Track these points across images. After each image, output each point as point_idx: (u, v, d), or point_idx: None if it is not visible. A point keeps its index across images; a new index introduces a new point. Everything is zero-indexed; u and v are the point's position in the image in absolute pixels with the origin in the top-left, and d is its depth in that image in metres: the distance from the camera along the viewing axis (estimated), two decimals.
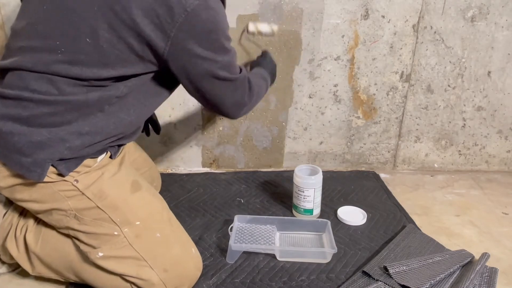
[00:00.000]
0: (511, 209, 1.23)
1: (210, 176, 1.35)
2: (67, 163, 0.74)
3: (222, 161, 1.42)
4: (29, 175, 0.72)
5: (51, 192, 0.75)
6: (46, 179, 0.73)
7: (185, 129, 1.35)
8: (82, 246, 0.78)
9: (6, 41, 0.76)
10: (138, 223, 0.79)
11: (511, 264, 0.97)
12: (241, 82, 0.85)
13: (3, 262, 0.89)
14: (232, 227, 1.00)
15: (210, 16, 0.72)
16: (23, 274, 0.89)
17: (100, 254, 0.76)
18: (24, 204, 0.78)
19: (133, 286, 0.78)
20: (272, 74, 1.12)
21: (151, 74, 0.77)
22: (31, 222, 0.85)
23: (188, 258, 0.83)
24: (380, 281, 0.86)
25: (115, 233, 0.77)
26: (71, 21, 0.70)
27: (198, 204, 1.19)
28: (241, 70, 0.86)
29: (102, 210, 0.76)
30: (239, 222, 1.04)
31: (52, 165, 0.73)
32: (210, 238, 1.02)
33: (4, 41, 1.21)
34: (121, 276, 0.77)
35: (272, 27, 1.15)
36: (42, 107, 0.71)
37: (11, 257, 0.85)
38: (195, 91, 0.81)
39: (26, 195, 0.76)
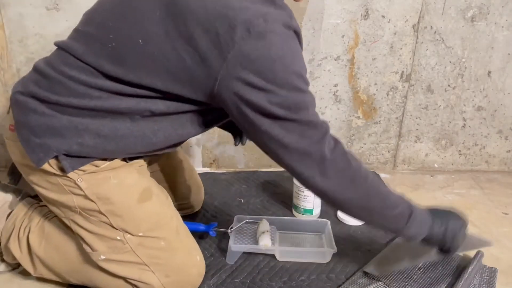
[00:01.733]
0: (511, 209, 1.23)
1: (210, 176, 1.35)
2: (72, 160, 0.70)
3: (222, 161, 1.42)
4: (31, 156, 0.70)
5: (56, 183, 0.73)
6: (50, 169, 0.71)
7: None
8: (84, 246, 0.77)
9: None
10: (140, 234, 0.76)
11: (511, 264, 0.97)
12: (314, 127, 0.67)
13: (2, 260, 0.89)
14: (232, 227, 1.01)
15: (279, 43, 0.60)
16: (24, 274, 0.89)
17: (103, 257, 0.76)
18: (35, 187, 0.77)
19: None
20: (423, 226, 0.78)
21: (195, 107, 0.69)
22: (34, 223, 0.85)
23: (191, 265, 0.82)
24: (380, 281, 0.86)
25: (118, 237, 0.76)
26: (130, 18, 0.65)
27: None
28: (323, 124, 0.68)
29: (104, 215, 0.74)
30: (239, 222, 1.04)
31: (57, 158, 0.70)
32: (210, 238, 1.02)
33: (4, 42, 1.22)
34: (123, 279, 0.78)
35: None
36: (73, 98, 0.67)
37: (14, 258, 0.85)
38: (250, 135, 0.69)
39: (35, 178, 0.75)
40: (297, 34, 0.66)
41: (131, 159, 0.78)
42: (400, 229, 0.75)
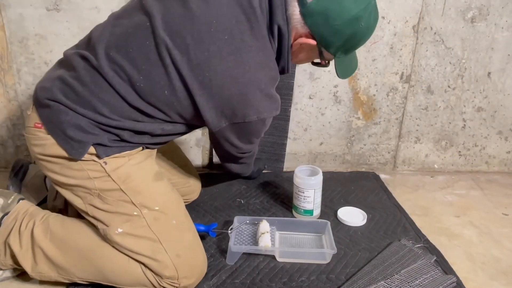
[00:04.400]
0: (511, 209, 1.23)
1: (210, 177, 1.35)
2: (107, 148, 0.81)
3: None
4: (71, 152, 0.79)
5: (80, 169, 0.81)
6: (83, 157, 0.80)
7: None
8: (100, 225, 0.82)
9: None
10: (157, 208, 0.84)
11: (511, 265, 0.97)
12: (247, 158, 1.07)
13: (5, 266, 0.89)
14: (232, 228, 1.00)
15: (259, 127, 0.87)
16: (23, 279, 0.89)
17: (120, 230, 0.80)
18: (52, 175, 0.83)
19: (145, 269, 0.81)
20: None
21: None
22: (39, 217, 0.86)
23: (199, 248, 0.88)
24: (381, 281, 0.86)
25: (135, 213, 0.82)
26: (158, 68, 0.80)
27: (198, 205, 1.19)
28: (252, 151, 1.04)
29: (125, 192, 0.82)
30: (239, 223, 1.04)
31: (93, 146, 0.80)
32: (210, 239, 1.02)
33: (4, 43, 1.22)
34: (135, 255, 0.80)
35: None
36: (98, 115, 0.80)
37: (11, 255, 0.85)
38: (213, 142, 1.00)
39: (57, 168, 0.82)
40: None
41: (147, 147, 0.90)
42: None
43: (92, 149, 0.80)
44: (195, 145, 1.39)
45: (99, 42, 0.80)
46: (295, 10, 0.81)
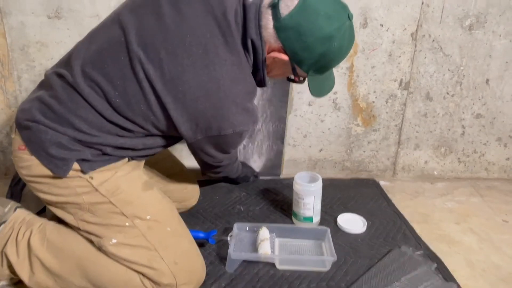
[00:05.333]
0: (511, 216, 1.23)
1: (210, 184, 1.35)
2: (89, 163, 0.81)
3: None
4: (55, 170, 0.79)
5: (66, 186, 0.81)
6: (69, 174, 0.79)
7: None
8: (94, 238, 0.81)
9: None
10: (148, 217, 0.83)
11: (511, 272, 0.97)
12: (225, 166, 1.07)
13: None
14: (231, 235, 1.00)
15: (235, 139, 0.87)
16: None
17: (114, 240, 0.80)
18: (42, 195, 0.84)
19: (142, 278, 0.80)
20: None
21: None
22: (36, 226, 0.86)
23: (196, 254, 0.88)
24: None
25: (127, 224, 0.82)
26: (132, 85, 0.80)
27: (198, 211, 1.18)
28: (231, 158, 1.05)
29: (114, 205, 0.81)
30: (238, 230, 1.04)
31: (76, 162, 0.80)
32: (210, 246, 1.02)
33: (5, 50, 1.22)
34: (132, 264, 0.80)
35: None
36: (77, 132, 0.80)
37: (8, 265, 0.84)
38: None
39: (45, 187, 0.82)
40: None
41: (133, 158, 0.89)
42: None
43: (76, 165, 0.80)
44: None
45: (76, 59, 0.81)
46: (268, 23, 0.81)
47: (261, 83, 0.89)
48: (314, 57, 0.82)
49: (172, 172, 1.13)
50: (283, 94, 1.31)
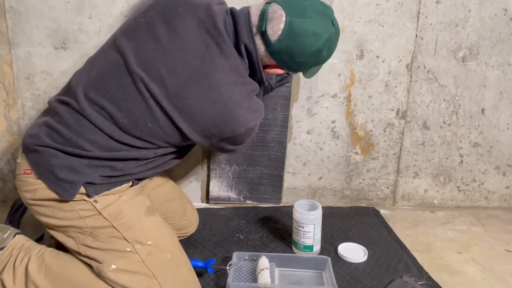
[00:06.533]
0: None
1: (209, 212, 1.34)
2: (96, 187, 0.82)
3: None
4: (63, 194, 0.80)
5: (71, 209, 0.82)
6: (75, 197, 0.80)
7: (184, 164, 1.36)
8: (93, 263, 0.81)
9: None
10: (150, 242, 0.84)
11: None
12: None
13: None
14: (230, 264, 0.99)
15: (249, 133, 0.89)
16: None
17: (113, 266, 0.79)
18: (45, 219, 0.84)
19: None
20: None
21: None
22: (34, 252, 0.85)
23: (194, 282, 0.87)
24: None
25: (128, 249, 0.81)
26: (140, 102, 0.82)
27: (197, 240, 1.17)
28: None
29: (117, 229, 0.82)
30: (237, 259, 1.02)
31: (83, 186, 0.81)
32: (209, 275, 1.00)
33: (11, 79, 1.25)
34: None
35: None
36: (86, 152, 0.81)
37: None
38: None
39: (49, 211, 0.82)
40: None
41: (137, 180, 0.91)
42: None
43: (82, 189, 0.81)
44: (195, 180, 1.39)
45: (78, 86, 0.84)
46: (260, 47, 0.87)
47: (260, 82, 0.93)
48: (307, 67, 0.92)
49: (172, 198, 1.13)
50: (283, 120, 1.33)
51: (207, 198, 1.41)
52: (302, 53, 0.85)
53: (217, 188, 1.39)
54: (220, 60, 0.82)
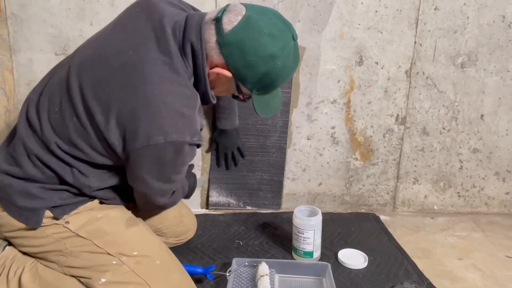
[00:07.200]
0: None
1: (208, 218, 1.34)
2: (63, 207, 0.80)
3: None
4: (27, 222, 0.79)
5: (44, 235, 0.80)
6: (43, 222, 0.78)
7: None
8: (83, 280, 0.80)
9: None
10: (135, 253, 0.82)
11: None
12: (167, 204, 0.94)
13: None
14: (230, 270, 0.98)
15: (169, 154, 0.76)
16: None
17: (103, 280, 0.78)
18: (24, 249, 0.83)
19: None
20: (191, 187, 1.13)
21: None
22: (28, 263, 0.84)
23: (190, 286, 0.86)
24: None
25: (114, 262, 0.79)
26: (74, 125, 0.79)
27: (196, 246, 1.17)
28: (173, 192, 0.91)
29: (98, 246, 0.80)
30: (237, 265, 1.02)
31: (48, 210, 0.79)
32: (208, 282, 0.99)
33: (12, 85, 1.26)
34: None
35: None
36: (36, 171, 0.80)
37: None
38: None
39: (25, 241, 0.81)
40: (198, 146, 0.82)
41: (104, 200, 0.87)
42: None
43: (48, 213, 0.79)
44: None
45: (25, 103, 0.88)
46: (211, 38, 0.79)
47: (204, 95, 0.83)
48: (257, 75, 0.79)
49: None
50: (283, 126, 1.34)
51: (206, 204, 1.41)
52: (255, 52, 0.76)
53: (217, 194, 1.39)
54: (154, 53, 0.76)
